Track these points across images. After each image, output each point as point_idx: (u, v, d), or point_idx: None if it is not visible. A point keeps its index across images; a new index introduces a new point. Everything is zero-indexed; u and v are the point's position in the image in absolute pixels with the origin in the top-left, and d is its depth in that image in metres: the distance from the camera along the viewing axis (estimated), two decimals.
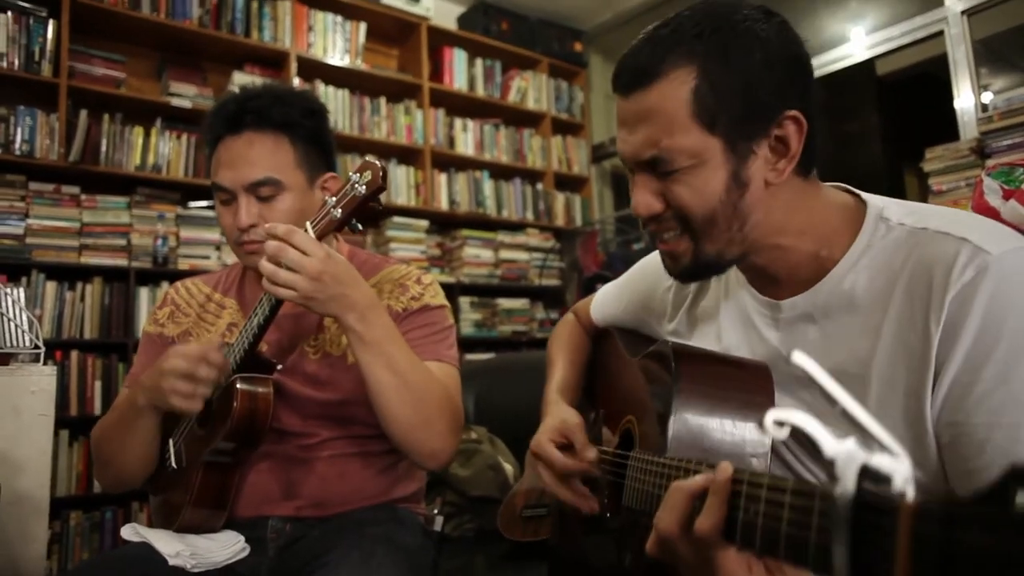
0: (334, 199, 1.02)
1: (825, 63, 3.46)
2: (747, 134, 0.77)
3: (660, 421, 0.82)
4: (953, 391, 0.70)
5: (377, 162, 1.00)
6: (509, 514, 1.47)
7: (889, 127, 4.25)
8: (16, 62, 2.68)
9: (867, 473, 0.41)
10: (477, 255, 3.90)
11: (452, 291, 3.77)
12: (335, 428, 1.20)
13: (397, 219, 3.65)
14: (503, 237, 4.00)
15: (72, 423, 2.64)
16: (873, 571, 0.40)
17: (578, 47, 4.38)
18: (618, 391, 1.10)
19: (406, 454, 1.14)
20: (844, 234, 0.81)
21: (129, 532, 1.10)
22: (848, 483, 0.41)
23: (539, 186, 4.24)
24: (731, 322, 0.93)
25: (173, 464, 1.15)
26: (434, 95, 3.81)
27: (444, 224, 3.91)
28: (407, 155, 3.77)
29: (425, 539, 1.22)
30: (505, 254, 4.00)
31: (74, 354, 2.69)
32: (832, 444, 0.43)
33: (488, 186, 4.02)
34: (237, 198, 1.17)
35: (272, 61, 3.37)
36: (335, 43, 3.53)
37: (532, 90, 4.23)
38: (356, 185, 1.00)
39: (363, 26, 3.63)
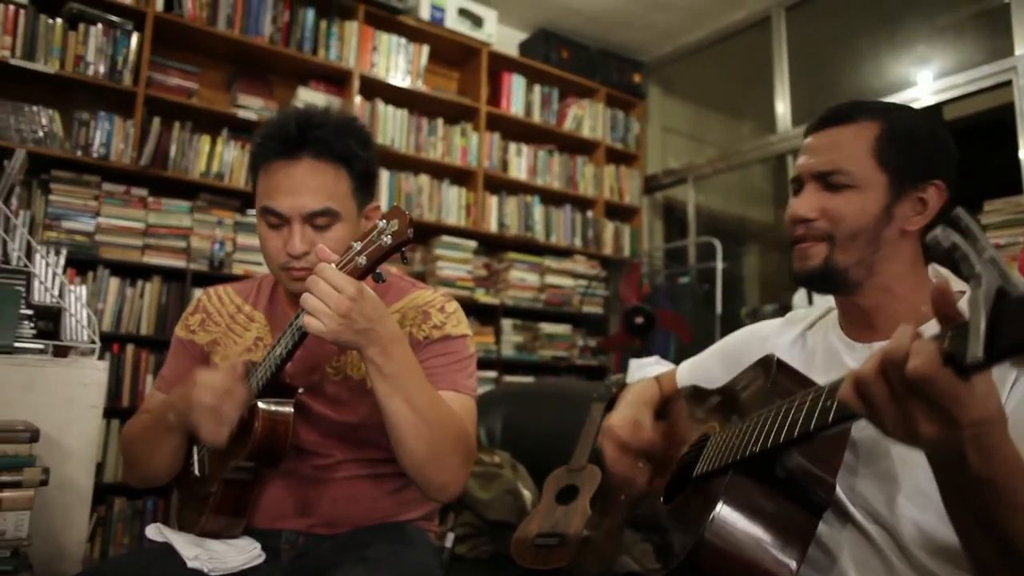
0: (359, 244, 1.01)
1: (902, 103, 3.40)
2: (905, 181, 0.94)
3: (751, 407, 0.89)
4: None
5: (407, 212, 0.99)
6: (522, 540, 1.50)
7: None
8: (101, 71, 2.86)
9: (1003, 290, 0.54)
10: (523, 278, 3.94)
11: (495, 312, 3.82)
12: (350, 450, 1.24)
13: (446, 238, 3.72)
14: (550, 262, 4.04)
15: (123, 413, 2.76)
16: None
17: (637, 78, 4.41)
18: (687, 430, 1.11)
19: (416, 485, 1.15)
20: None
21: (154, 532, 1.17)
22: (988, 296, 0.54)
23: (589, 214, 4.27)
24: (825, 367, 1.00)
25: (196, 472, 1.21)
26: (490, 119, 3.88)
27: (492, 246, 3.97)
28: (460, 176, 3.84)
29: (433, 558, 1.24)
30: (551, 279, 4.03)
31: (129, 348, 2.83)
32: (976, 263, 0.55)
33: (538, 211, 4.07)
34: (290, 224, 1.17)
35: (336, 79, 3.50)
36: (398, 64, 3.64)
37: (588, 118, 4.27)
38: (383, 234, 0.99)
39: (426, 48, 3.73)
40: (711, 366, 1.22)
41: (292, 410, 1.17)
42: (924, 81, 3.37)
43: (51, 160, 2.76)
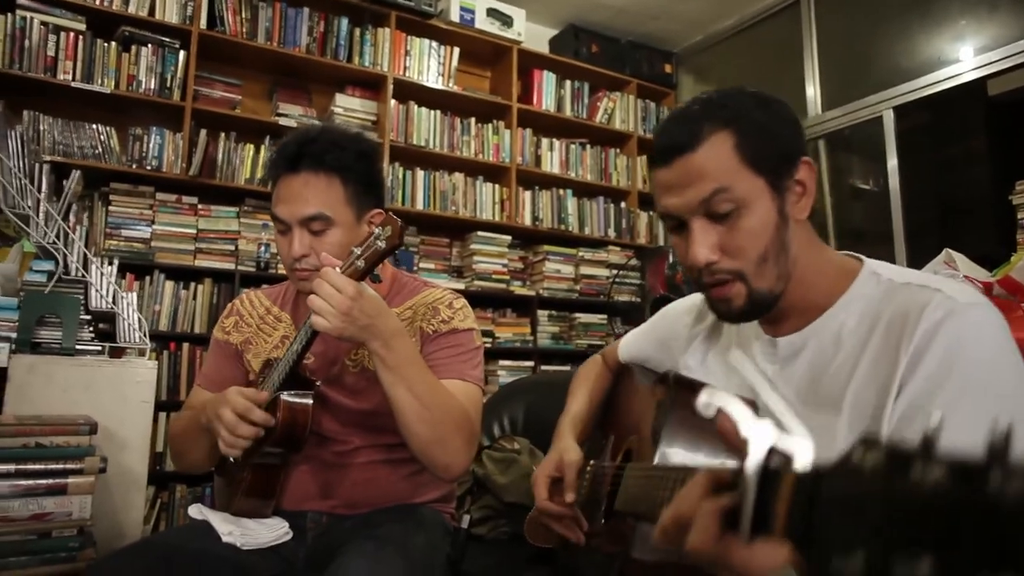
0: (359, 250, 1.14)
1: (931, 83, 3.36)
2: (781, 174, 0.89)
3: (654, 439, 0.93)
4: (907, 411, 0.79)
5: (398, 220, 1.12)
6: (534, 520, 1.60)
7: (997, 150, 4.05)
8: (152, 88, 3.07)
9: (774, 451, 0.51)
10: (558, 270, 4.03)
11: (531, 304, 3.93)
12: (367, 436, 1.36)
13: (481, 233, 3.84)
14: (584, 253, 4.11)
15: (181, 406, 2.96)
16: (767, 519, 0.50)
17: (668, 68, 4.43)
18: (628, 416, 1.21)
19: (424, 465, 1.27)
20: (841, 284, 0.92)
21: (195, 511, 1.32)
22: (758, 455, 0.51)
23: (623, 204, 4.32)
24: (739, 359, 1.04)
25: (232, 458, 1.36)
26: (522, 115, 3.97)
27: (527, 239, 4.07)
28: (493, 172, 3.95)
29: (442, 538, 1.36)
30: (585, 270, 4.11)
31: (185, 346, 3.04)
32: (748, 426, 0.53)
33: (571, 203, 4.15)
34: (292, 229, 1.32)
35: (371, 84, 3.65)
36: (429, 66, 3.77)
37: (619, 110, 4.32)
38: (378, 240, 1.12)
39: (456, 50, 3.84)
40: (645, 346, 1.27)
41: (311, 401, 1.30)
42: (966, 56, 3.31)
43: (109, 174, 2.98)
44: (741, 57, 4.26)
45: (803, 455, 0.49)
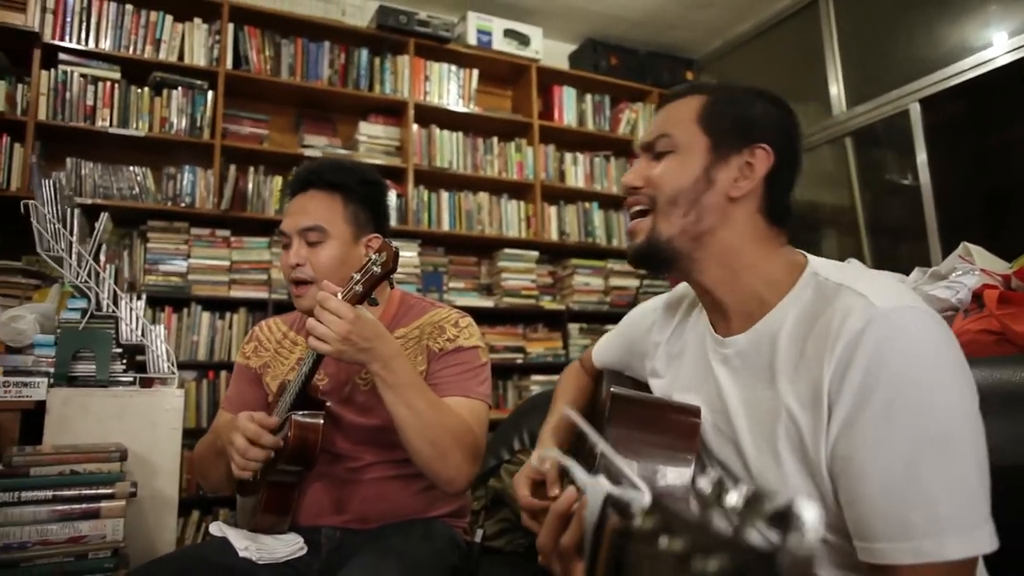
0: (358, 275, 1.20)
1: (959, 71, 3.29)
2: (728, 144, 0.94)
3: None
4: (843, 428, 0.79)
5: (393, 245, 1.18)
6: None
7: None
8: (183, 128, 3.21)
9: (610, 500, 0.54)
10: (587, 283, 4.04)
11: (561, 318, 3.94)
12: (379, 452, 1.41)
13: (508, 251, 3.88)
14: (613, 265, 4.12)
15: None
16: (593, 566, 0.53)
17: (689, 76, 4.43)
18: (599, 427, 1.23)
19: (429, 479, 1.31)
20: (786, 284, 0.92)
21: (215, 528, 1.38)
22: (595, 508, 0.55)
23: None
24: (693, 359, 1.04)
25: (250, 477, 1.42)
26: (543, 132, 4.02)
27: (555, 254, 4.09)
28: (518, 190, 4.00)
29: (451, 551, 1.39)
30: (615, 281, 4.11)
31: (223, 374, 3.15)
32: (583, 478, 0.56)
33: (597, 216, 4.16)
34: (292, 242, 1.41)
35: (393, 110, 3.74)
36: (449, 90, 3.85)
37: (642, 121, 4.33)
38: (375, 265, 1.18)
39: (475, 72, 3.92)
40: (616, 351, 1.28)
41: (321, 421, 1.35)
42: (1000, 40, 3.22)
43: (147, 212, 3.12)
44: (762, 60, 4.23)
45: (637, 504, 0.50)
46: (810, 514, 0.34)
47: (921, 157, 3.37)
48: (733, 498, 0.38)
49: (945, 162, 3.35)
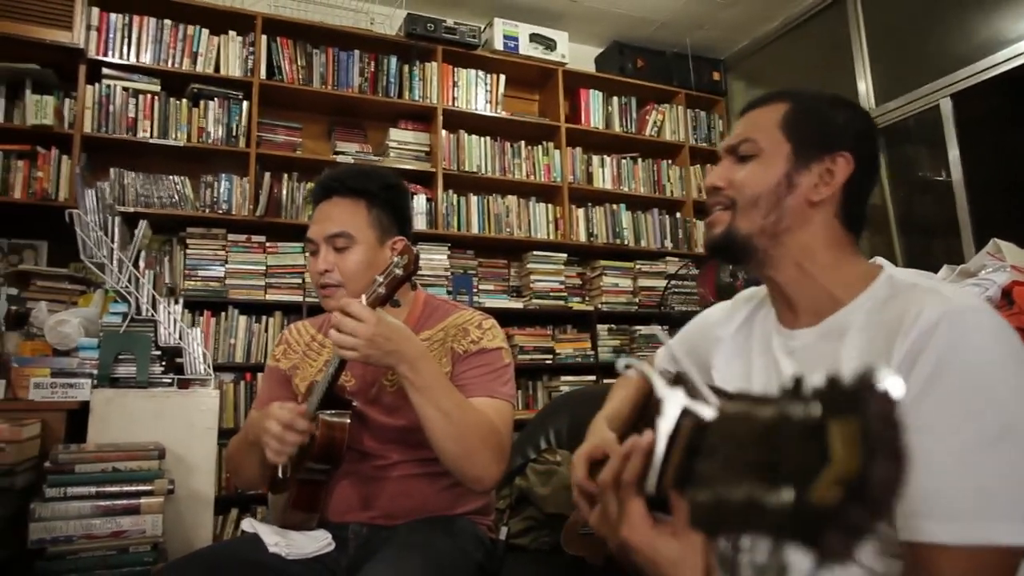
0: (381, 277, 1.25)
1: (992, 64, 3.22)
2: (809, 151, 0.98)
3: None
4: (905, 412, 0.81)
5: (414, 249, 1.23)
6: (571, 530, 1.64)
7: None
8: (220, 137, 3.32)
9: (686, 412, 0.61)
10: (615, 284, 4.05)
11: (590, 319, 3.97)
12: (405, 451, 1.45)
13: (537, 253, 3.92)
14: (641, 265, 4.13)
15: None
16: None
17: (716, 76, 4.42)
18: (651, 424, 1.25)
19: (456, 478, 1.35)
20: (859, 286, 0.95)
21: (247, 525, 1.44)
22: (672, 417, 0.63)
23: (678, 215, 4.31)
24: (759, 352, 1.07)
25: (280, 475, 1.48)
26: (570, 135, 4.05)
27: (583, 255, 4.12)
28: (546, 192, 4.03)
29: (475, 548, 1.43)
30: (644, 282, 4.12)
31: (260, 375, 3.23)
32: (663, 389, 0.63)
33: (625, 217, 4.17)
34: (319, 248, 1.45)
35: (422, 116, 3.81)
36: (477, 95, 3.90)
37: (669, 122, 4.33)
38: (396, 267, 1.23)
39: (502, 77, 3.96)
40: (677, 353, 1.30)
41: (348, 420, 1.40)
42: None
43: (186, 220, 3.23)
44: (790, 58, 4.20)
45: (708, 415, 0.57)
46: (891, 379, 0.40)
47: (953, 153, 3.32)
48: (815, 380, 0.43)
49: (978, 158, 3.29)
